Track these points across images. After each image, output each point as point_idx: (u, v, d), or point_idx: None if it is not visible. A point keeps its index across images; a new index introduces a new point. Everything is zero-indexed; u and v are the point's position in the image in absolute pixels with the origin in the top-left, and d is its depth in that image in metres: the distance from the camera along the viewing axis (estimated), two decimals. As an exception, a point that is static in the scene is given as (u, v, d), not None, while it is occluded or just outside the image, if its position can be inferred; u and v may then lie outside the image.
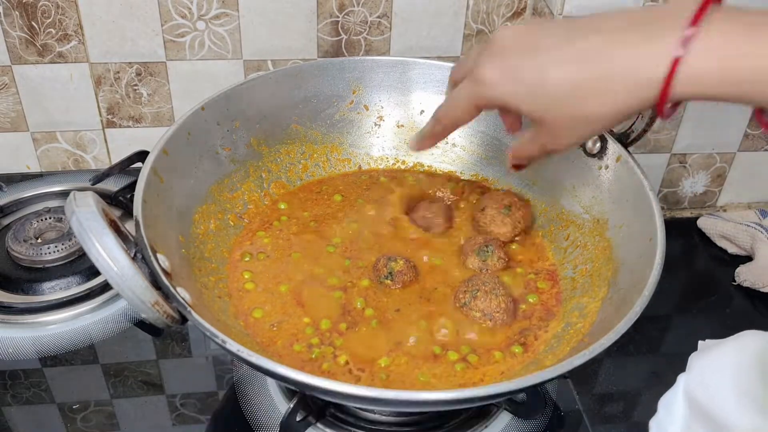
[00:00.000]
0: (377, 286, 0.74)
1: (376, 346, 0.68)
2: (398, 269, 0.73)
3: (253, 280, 0.74)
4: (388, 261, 0.74)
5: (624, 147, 0.76)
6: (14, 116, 0.98)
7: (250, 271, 0.75)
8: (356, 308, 0.71)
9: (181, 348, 0.81)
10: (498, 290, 0.71)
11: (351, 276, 0.75)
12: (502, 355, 0.68)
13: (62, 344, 0.79)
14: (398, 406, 0.62)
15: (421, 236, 0.80)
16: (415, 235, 0.80)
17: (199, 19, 0.93)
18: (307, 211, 0.83)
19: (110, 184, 0.95)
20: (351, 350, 0.68)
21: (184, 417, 0.73)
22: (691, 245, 0.99)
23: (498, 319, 0.70)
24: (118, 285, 0.55)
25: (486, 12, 0.98)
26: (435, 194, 0.87)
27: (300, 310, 0.71)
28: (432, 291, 0.74)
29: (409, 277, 0.74)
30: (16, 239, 0.87)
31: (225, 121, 0.81)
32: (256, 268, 0.75)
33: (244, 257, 0.77)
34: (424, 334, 0.69)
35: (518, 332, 0.70)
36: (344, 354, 0.67)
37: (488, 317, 0.70)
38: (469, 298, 0.70)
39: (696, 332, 0.86)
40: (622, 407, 0.76)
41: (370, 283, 0.74)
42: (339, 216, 0.82)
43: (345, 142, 0.90)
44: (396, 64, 0.89)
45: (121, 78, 0.96)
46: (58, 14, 0.91)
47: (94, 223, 0.54)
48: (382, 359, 0.67)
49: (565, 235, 0.80)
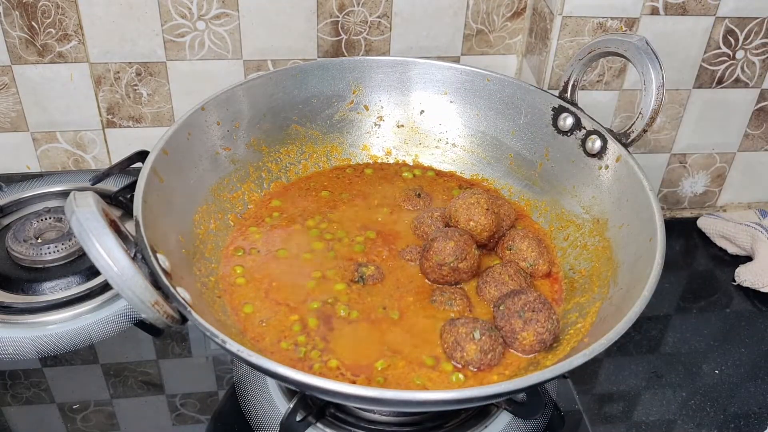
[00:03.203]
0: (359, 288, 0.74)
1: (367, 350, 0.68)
2: (369, 274, 0.74)
3: (244, 275, 0.74)
4: (359, 266, 0.74)
5: (624, 147, 0.76)
6: (14, 116, 0.98)
7: (241, 265, 0.75)
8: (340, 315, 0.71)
9: (181, 348, 0.81)
10: (484, 334, 0.66)
11: (335, 273, 0.75)
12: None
13: (62, 344, 0.79)
14: (398, 406, 0.62)
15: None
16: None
17: (199, 19, 0.93)
18: (297, 207, 0.83)
19: (110, 184, 0.95)
20: (339, 351, 0.67)
21: (184, 417, 0.73)
22: (691, 245, 0.99)
23: (486, 363, 0.66)
24: (118, 285, 0.55)
25: (486, 12, 0.98)
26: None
27: (285, 307, 0.71)
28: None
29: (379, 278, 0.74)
30: (16, 239, 0.87)
31: (225, 121, 0.81)
32: (247, 263, 0.75)
33: (237, 252, 0.77)
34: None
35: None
36: (333, 358, 0.67)
37: (476, 365, 0.66)
38: (458, 352, 0.66)
39: (696, 332, 0.86)
40: (622, 407, 0.76)
41: (345, 286, 0.73)
42: (325, 210, 0.83)
43: (345, 142, 0.90)
44: (396, 64, 0.89)
45: (121, 78, 0.96)
46: (58, 14, 0.91)
47: (94, 223, 0.54)
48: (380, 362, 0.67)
49: (565, 235, 0.80)
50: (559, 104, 0.82)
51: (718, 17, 0.89)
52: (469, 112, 0.89)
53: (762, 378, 0.80)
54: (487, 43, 1.01)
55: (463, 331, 0.66)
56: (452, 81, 0.88)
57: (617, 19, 0.88)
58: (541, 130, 0.84)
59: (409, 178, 0.89)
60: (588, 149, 0.79)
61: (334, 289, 0.73)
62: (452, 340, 0.66)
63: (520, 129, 0.86)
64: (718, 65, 0.93)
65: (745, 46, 0.92)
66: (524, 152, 0.86)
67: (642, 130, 0.74)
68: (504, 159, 0.88)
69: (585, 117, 0.80)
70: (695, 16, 0.88)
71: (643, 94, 0.72)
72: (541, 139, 0.84)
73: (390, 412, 0.72)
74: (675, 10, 0.88)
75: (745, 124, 0.98)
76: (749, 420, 0.76)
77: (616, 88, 0.94)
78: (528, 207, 0.85)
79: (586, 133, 0.80)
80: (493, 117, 0.88)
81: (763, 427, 0.75)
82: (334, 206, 0.84)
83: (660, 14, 0.88)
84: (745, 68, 0.93)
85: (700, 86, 0.95)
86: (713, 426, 0.75)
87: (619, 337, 0.57)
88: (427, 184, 0.88)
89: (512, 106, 0.86)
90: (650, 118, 0.73)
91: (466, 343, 0.65)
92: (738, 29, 0.90)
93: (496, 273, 0.72)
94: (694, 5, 0.88)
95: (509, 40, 1.01)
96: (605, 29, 0.88)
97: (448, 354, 0.66)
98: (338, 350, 0.67)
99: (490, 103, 0.87)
